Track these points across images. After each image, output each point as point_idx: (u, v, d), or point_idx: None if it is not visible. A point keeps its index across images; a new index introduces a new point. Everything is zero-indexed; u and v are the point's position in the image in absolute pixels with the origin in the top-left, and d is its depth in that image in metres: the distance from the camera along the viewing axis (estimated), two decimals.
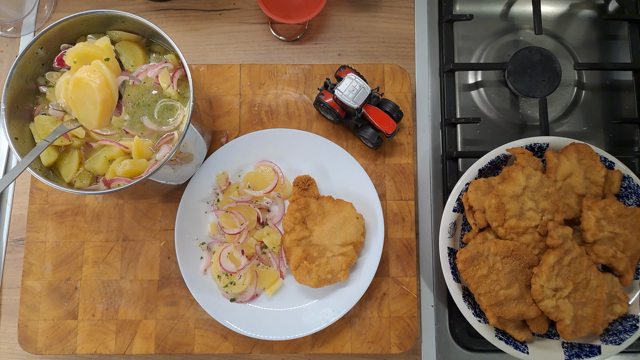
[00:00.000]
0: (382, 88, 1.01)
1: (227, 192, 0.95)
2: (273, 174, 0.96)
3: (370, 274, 0.91)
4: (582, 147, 0.89)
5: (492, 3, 1.09)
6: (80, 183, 0.84)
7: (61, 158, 0.85)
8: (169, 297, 0.94)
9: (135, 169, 0.81)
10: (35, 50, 0.82)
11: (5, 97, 0.79)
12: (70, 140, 0.84)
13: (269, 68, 1.02)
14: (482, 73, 1.06)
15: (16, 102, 0.82)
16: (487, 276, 0.83)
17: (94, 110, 0.77)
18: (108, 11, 0.82)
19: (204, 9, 1.07)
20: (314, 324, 0.90)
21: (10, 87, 0.79)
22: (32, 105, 0.86)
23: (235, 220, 0.93)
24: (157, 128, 0.85)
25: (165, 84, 0.85)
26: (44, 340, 0.92)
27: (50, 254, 0.95)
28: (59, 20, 0.81)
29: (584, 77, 1.07)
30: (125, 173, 0.81)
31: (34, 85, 0.85)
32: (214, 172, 0.95)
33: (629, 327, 0.87)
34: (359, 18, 1.07)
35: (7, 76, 0.79)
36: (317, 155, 0.96)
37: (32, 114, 0.85)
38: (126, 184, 0.78)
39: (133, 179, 0.80)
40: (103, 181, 0.82)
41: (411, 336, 0.93)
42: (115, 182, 0.80)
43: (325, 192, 0.96)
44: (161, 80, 0.86)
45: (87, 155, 0.86)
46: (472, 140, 1.04)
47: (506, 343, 0.86)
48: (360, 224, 0.91)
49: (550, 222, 0.83)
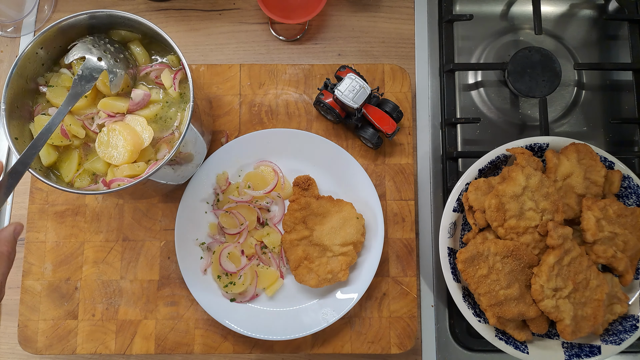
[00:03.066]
0: (382, 88, 1.01)
1: (227, 192, 0.95)
2: (273, 174, 0.96)
3: (370, 274, 0.91)
4: (582, 147, 0.89)
5: (492, 3, 1.09)
6: (80, 183, 0.84)
7: (61, 158, 0.85)
8: (169, 297, 0.94)
9: (133, 172, 0.81)
10: (35, 50, 0.82)
11: (5, 97, 0.79)
12: (70, 140, 0.84)
13: (269, 68, 1.02)
14: (482, 73, 1.06)
15: (16, 102, 0.82)
16: (487, 276, 0.83)
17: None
18: (110, 11, 0.82)
19: (204, 9, 1.07)
20: (314, 324, 0.90)
21: (10, 87, 0.79)
22: (32, 105, 0.86)
23: (235, 220, 0.93)
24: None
25: (167, 83, 0.86)
26: (44, 340, 0.92)
27: (50, 254, 0.95)
28: (59, 20, 0.81)
29: (584, 77, 1.07)
30: (124, 176, 0.81)
31: (34, 85, 0.85)
32: (214, 172, 0.95)
33: (629, 327, 0.87)
34: (359, 18, 1.07)
35: (7, 76, 0.79)
36: (317, 155, 0.96)
37: (32, 114, 0.85)
38: (126, 184, 0.78)
39: (133, 178, 0.80)
40: (102, 182, 0.82)
41: (411, 336, 0.93)
42: (115, 182, 0.80)
43: (325, 192, 0.96)
44: (163, 80, 0.86)
45: (86, 155, 0.86)
46: (472, 140, 1.04)
47: (506, 343, 0.86)
48: (360, 224, 0.91)
49: (550, 222, 0.83)
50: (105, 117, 0.84)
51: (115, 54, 0.85)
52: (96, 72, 0.83)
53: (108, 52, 0.84)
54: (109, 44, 0.86)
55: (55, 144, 0.83)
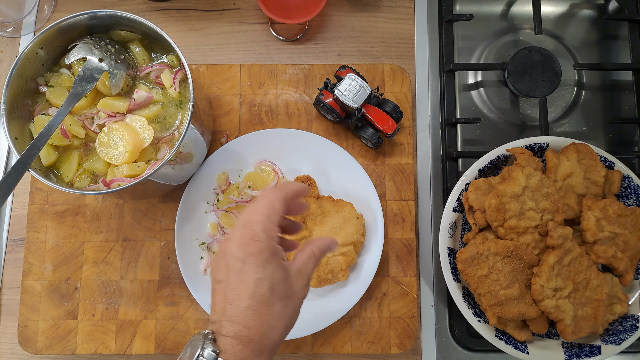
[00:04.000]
0: (382, 88, 1.01)
1: (227, 192, 0.95)
2: (273, 174, 0.96)
3: (370, 274, 0.91)
4: (582, 147, 0.89)
5: (492, 3, 1.09)
6: (80, 183, 0.84)
7: (61, 158, 0.85)
8: (169, 297, 0.94)
9: (133, 172, 0.81)
10: (35, 50, 0.82)
11: (5, 97, 0.79)
12: (70, 141, 0.84)
13: (269, 68, 1.02)
14: (482, 73, 1.06)
15: (16, 102, 0.81)
16: (487, 276, 0.83)
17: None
18: (110, 11, 0.82)
19: (204, 9, 1.07)
20: (313, 324, 0.90)
21: (10, 87, 0.79)
22: (32, 105, 0.86)
23: (235, 220, 0.93)
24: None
25: (167, 83, 0.86)
26: (44, 340, 0.92)
27: (50, 254, 0.95)
28: (59, 20, 0.81)
29: (584, 77, 1.07)
30: (124, 176, 0.81)
31: (34, 85, 0.85)
32: (214, 172, 0.95)
33: (629, 327, 0.87)
34: (359, 18, 1.07)
35: (7, 76, 0.79)
36: (317, 155, 0.96)
37: (32, 114, 0.85)
38: (126, 184, 0.78)
39: (133, 178, 0.80)
40: (102, 181, 0.82)
41: (411, 336, 0.93)
42: (115, 182, 0.81)
43: (325, 192, 0.96)
44: (164, 80, 0.86)
45: (86, 155, 0.86)
46: (472, 140, 1.04)
47: (506, 343, 0.86)
48: (360, 224, 0.91)
49: (550, 222, 0.83)
50: (106, 117, 0.84)
51: (116, 54, 0.85)
52: (97, 72, 0.83)
53: (109, 53, 0.84)
54: (110, 44, 0.86)
55: (55, 144, 0.83)
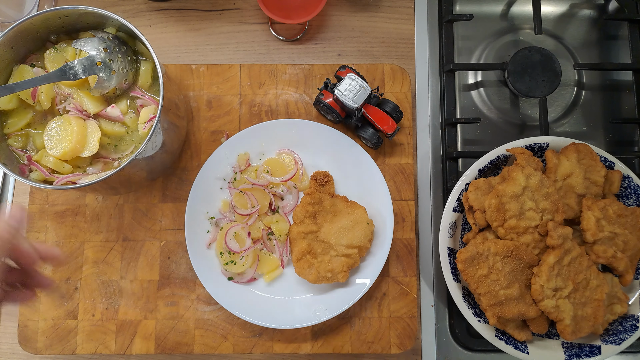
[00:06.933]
0: (382, 88, 1.01)
1: (245, 173, 0.96)
2: (293, 164, 0.96)
3: (369, 279, 0.91)
4: (582, 147, 0.89)
5: (492, 3, 1.09)
6: (12, 141, 0.85)
7: (16, 111, 0.86)
8: (169, 297, 0.94)
9: (56, 168, 0.83)
10: (4, 49, 0.82)
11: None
12: (34, 103, 0.85)
13: (269, 68, 1.02)
14: (482, 73, 1.06)
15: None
16: (487, 276, 0.83)
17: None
18: (79, 8, 0.80)
19: (204, 9, 1.07)
20: (304, 319, 0.90)
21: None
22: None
23: (248, 201, 0.94)
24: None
25: (142, 118, 0.85)
26: (44, 340, 0.92)
27: None
28: (26, 17, 0.80)
29: (584, 77, 1.07)
30: (44, 166, 0.83)
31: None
32: (236, 150, 0.96)
33: (629, 327, 0.87)
34: (359, 18, 1.07)
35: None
36: (340, 155, 0.96)
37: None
38: (98, 178, 0.78)
39: (98, 175, 0.82)
40: (27, 157, 0.84)
41: (411, 336, 0.93)
42: (36, 168, 0.83)
43: (341, 192, 0.96)
44: (142, 114, 0.85)
45: (36, 124, 0.87)
46: (472, 140, 1.04)
47: (506, 343, 0.86)
48: (369, 229, 0.91)
49: (550, 222, 0.83)
50: (74, 107, 0.85)
51: (123, 64, 0.85)
52: (92, 71, 0.83)
53: (118, 60, 0.84)
54: (127, 52, 0.86)
55: (21, 97, 0.84)
